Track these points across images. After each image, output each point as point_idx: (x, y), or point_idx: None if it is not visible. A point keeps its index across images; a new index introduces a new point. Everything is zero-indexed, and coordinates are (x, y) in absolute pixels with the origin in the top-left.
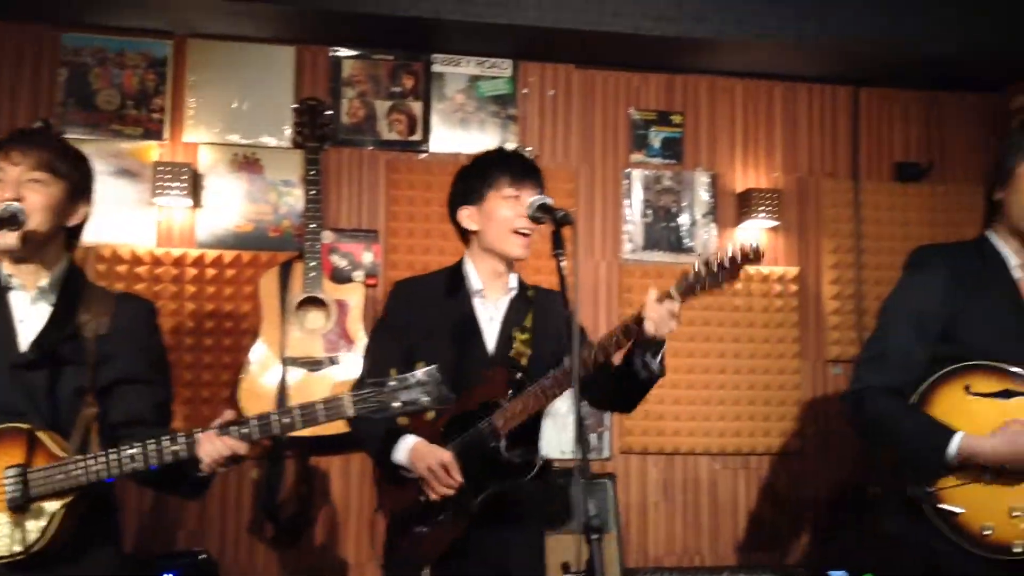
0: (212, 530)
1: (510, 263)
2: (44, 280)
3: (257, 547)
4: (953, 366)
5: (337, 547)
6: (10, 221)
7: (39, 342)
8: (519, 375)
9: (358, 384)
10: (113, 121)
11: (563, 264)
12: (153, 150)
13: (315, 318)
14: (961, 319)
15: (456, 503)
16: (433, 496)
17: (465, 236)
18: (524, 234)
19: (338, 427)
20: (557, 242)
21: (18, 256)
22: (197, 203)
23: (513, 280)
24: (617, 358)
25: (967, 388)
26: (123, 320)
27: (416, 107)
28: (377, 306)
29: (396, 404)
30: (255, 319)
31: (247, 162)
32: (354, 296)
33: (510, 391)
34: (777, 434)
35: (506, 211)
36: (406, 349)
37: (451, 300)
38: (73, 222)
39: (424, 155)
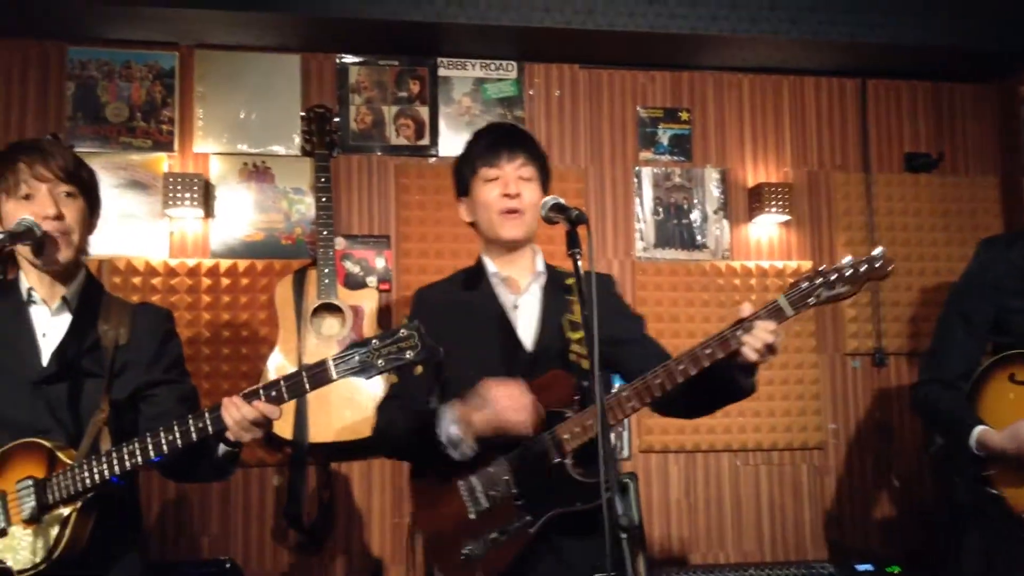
0: (235, 537)
1: (528, 248)
2: (64, 293)
3: (281, 554)
4: (1000, 355)
5: (361, 552)
6: (26, 235)
7: (59, 354)
8: (585, 383)
9: (384, 399)
10: (122, 133)
11: (580, 263)
12: (163, 161)
13: (331, 324)
14: (1012, 309)
15: (513, 522)
16: (524, 431)
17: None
18: (512, 211)
19: (357, 432)
20: (572, 241)
21: (53, 270)
22: (209, 213)
23: (540, 264)
24: None
25: (1011, 377)
26: (141, 329)
27: (423, 111)
28: (391, 311)
29: (380, 362)
30: (271, 327)
31: (257, 171)
32: (368, 301)
33: (576, 399)
34: (798, 429)
35: (486, 194)
36: None
37: (472, 294)
38: (91, 233)
39: (433, 159)
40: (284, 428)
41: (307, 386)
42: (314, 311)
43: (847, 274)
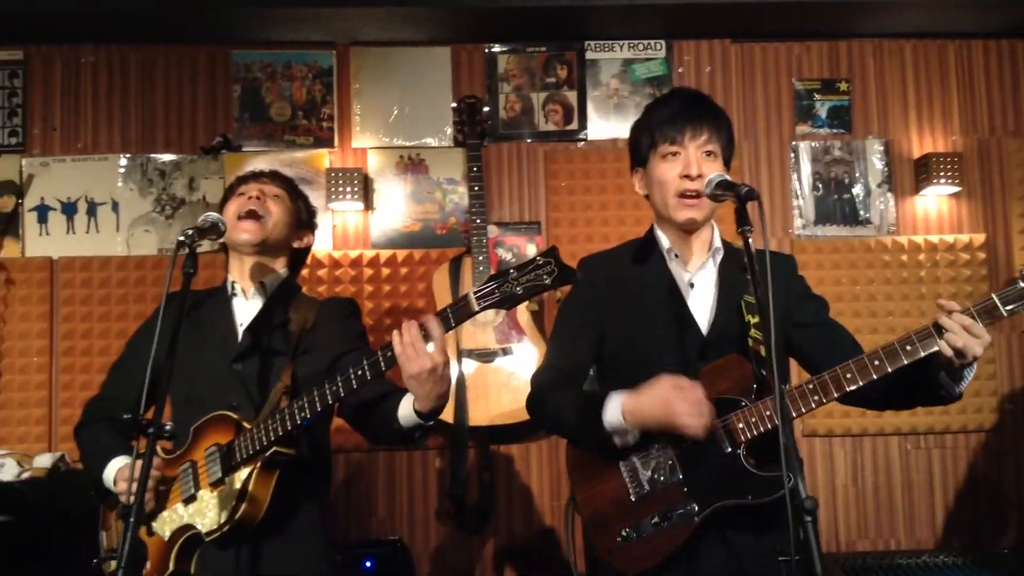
0: (401, 517)
1: (707, 224)
2: (261, 279)
3: (444, 534)
4: None
5: (521, 532)
6: (211, 230)
7: (250, 331)
8: (763, 371)
9: (541, 369)
10: (286, 132)
11: (751, 241)
12: (325, 157)
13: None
14: None
15: (676, 510)
16: (697, 434)
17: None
18: (690, 196)
19: (515, 416)
20: (742, 219)
21: (250, 251)
22: (368, 206)
23: (717, 239)
24: None
25: None
26: (325, 316)
27: (571, 96)
28: (544, 296)
29: (519, 291)
30: (429, 314)
31: (412, 163)
32: None
33: (754, 387)
34: (972, 410)
35: (664, 172)
36: (597, 324)
37: (643, 267)
38: (297, 244)
39: (582, 144)
40: (445, 412)
41: (452, 321)
42: None
43: None
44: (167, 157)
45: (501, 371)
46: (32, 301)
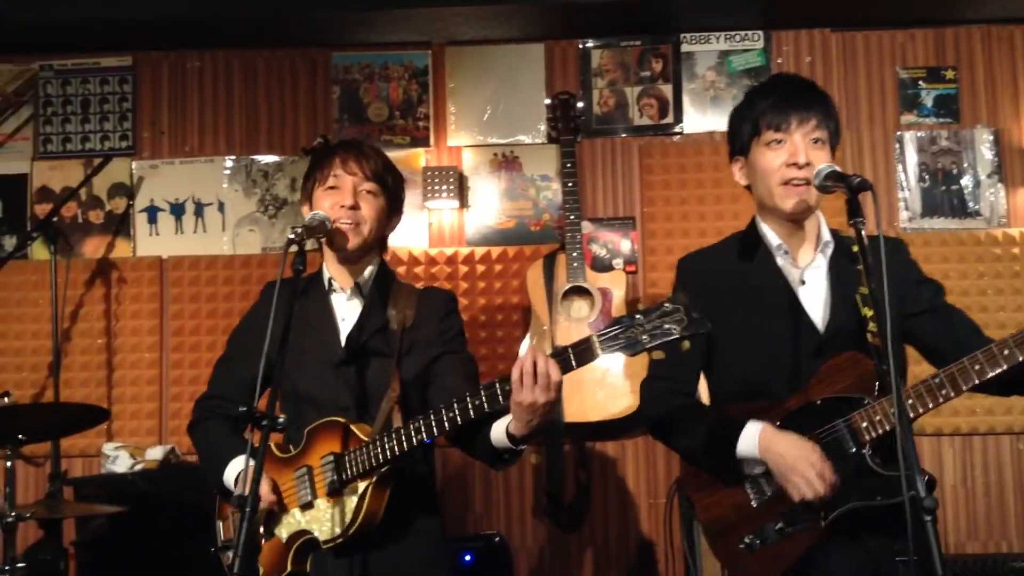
0: (497, 514)
1: (813, 214)
2: (358, 279)
3: (540, 530)
4: None
5: (618, 531)
6: (318, 229)
7: (352, 337)
8: (885, 367)
9: (652, 379)
10: (384, 132)
11: (863, 233)
12: (421, 156)
13: (580, 307)
14: None
15: (801, 515)
16: (798, 496)
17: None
18: (797, 184)
19: (610, 412)
20: (854, 210)
21: (345, 257)
22: (464, 204)
23: (826, 231)
24: None
25: None
26: (425, 311)
27: (666, 90)
28: (638, 292)
29: (645, 338)
30: (523, 311)
31: (506, 161)
32: (616, 284)
33: (876, 384)
34: None
35: (769, 161)
36: None
37: (749, 264)
38: (389, 231)
39: (677, 137)
40: None
41: (574, 363)
42: (564, 294)
43: None
44: (270, 158)
45: (596, 367)
46: (143, 299)
